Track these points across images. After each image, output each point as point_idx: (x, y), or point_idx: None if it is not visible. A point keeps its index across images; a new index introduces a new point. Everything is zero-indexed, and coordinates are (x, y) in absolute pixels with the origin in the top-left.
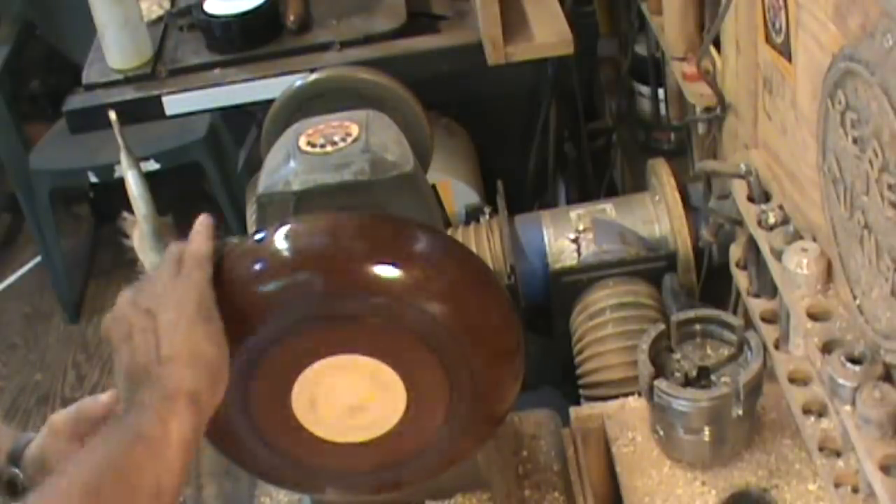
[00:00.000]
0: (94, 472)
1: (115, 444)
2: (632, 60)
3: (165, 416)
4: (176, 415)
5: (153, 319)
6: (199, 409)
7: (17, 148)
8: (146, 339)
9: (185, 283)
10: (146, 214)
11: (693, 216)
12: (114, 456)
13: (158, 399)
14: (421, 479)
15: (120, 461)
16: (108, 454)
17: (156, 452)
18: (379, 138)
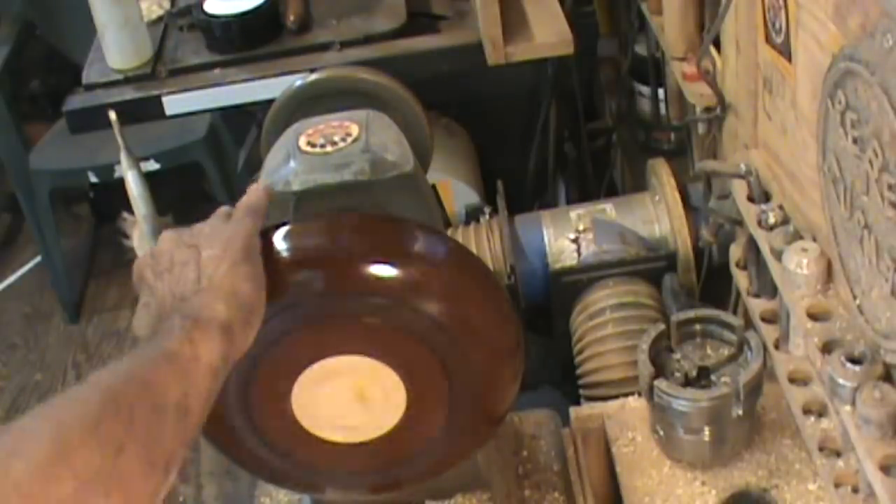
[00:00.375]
0: (118, 382)
1: (142, 359)
2: (632, 60)
3: (195, 338)
4: (206, 340)
5: (197, 254)
6: (230, 341)
7: (17, 148)
8: (186, 271)
9: (234, 226)
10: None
11: (693, 216)
12: (139, 370)
13: (190, 323)
14: (421, 479)
15: (145, 375)
16: (133, 367)
17: (183, 371)
18: (379, 138)
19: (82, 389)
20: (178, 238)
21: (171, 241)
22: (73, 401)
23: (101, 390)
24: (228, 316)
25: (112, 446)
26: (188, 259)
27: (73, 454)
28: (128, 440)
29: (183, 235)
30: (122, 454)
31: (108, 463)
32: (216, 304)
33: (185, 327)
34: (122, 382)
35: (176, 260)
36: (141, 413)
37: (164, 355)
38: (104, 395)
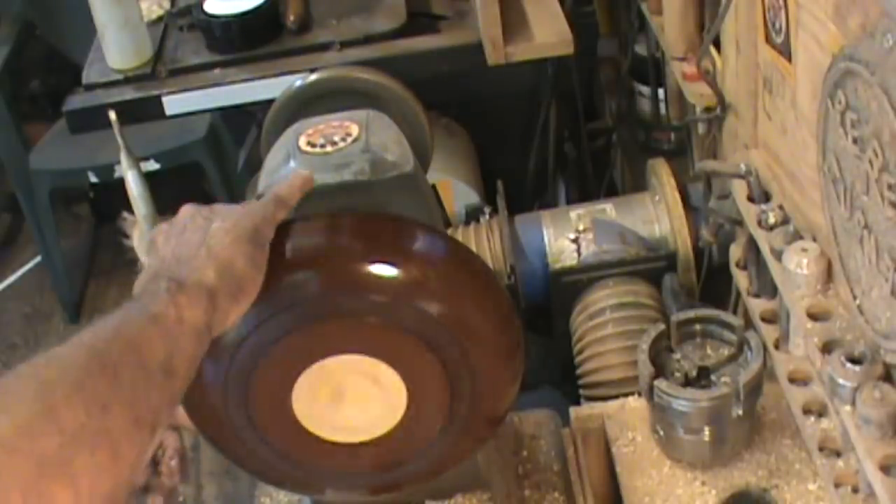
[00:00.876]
0: (103, 341)
1: (126, 320)
2: (632, 60)
3: (180, 302)
4: (190, 305)
5: (208, 224)
6: (214, 309)
7: (17, 148)
8: (192, 236)
9: (253, 208)
10: (146, 214)
11: (693, 216)
12: (124, 330)
13: (175, 286)
14: (421, 479)
15: (130, 335)
16: (117, 328)
17: (168, 333)
18: (379, 138)
19: (67, 348)
20: (197, 210)
21: (189, 212)
22: (57, 359)
23: (85, 349)
24: (216, 284)
25: (97, 404)
26: (198, 227)
27: (59, 410)
28: (113, 398)
29: (202, 209)
30: (108, 412)
31: (93, 420)
32: (207, 270)
33: (170, 290)
34: (107, 342)
35: (188, 227)
36: (126, 372)
37: (149, 317)
38: (89, 354)
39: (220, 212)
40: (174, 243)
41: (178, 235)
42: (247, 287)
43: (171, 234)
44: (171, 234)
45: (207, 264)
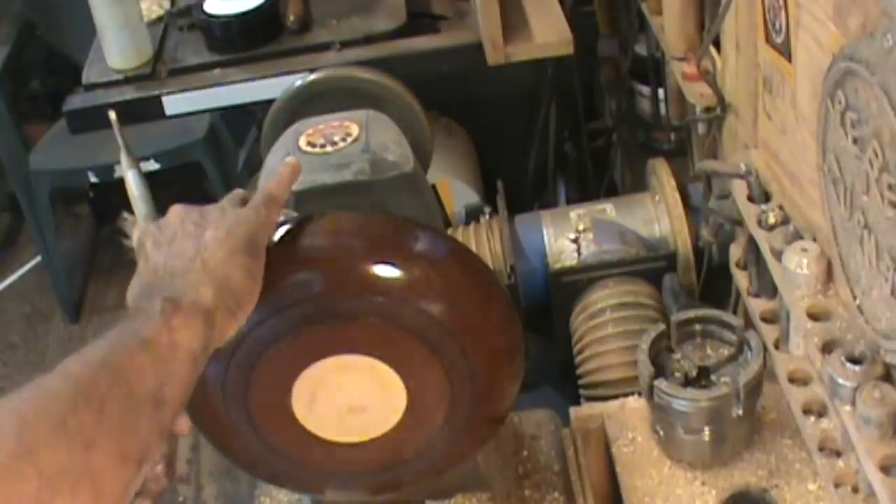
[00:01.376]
0: (90, 370)
1: (117, 345)
2: (632, 60)
3: (174, 325)
4: (186, 327)
5: (200, 232)
6: (211, 328)
7: (17, 148)
8: (185, 247)
9: (245, 213)
10: (146, 214)
11: (693, 216)
12: (113, 357)
13: (171, 307)
14: (421, 479)
15: (120, 363)
16: (106, 355)
17: (160, 360)
18: (379, 138)
19: (52, 379)
20: (187, 214)
21: (179, 216)
22: (41, 392)
23: (71, 382)
24: (214, 302)
25: (81, 441)
26: (190, 235)
27: (39, 451)
28: (99, 434)
29: (192, 212)
30: (93, 449)
31: (76, 459)
32: (203, 288)
33: (164, 311)
34: (95, 371)
35: (179, 234)
36: (113, 405)
37: (140, 342)
38: (75, 386)
39: (211, 218)
40: (166, 252)
41: (168, 243)
42: (244, 301)
43: (162, 240)
44: (162, 240)
45: (204, 280)
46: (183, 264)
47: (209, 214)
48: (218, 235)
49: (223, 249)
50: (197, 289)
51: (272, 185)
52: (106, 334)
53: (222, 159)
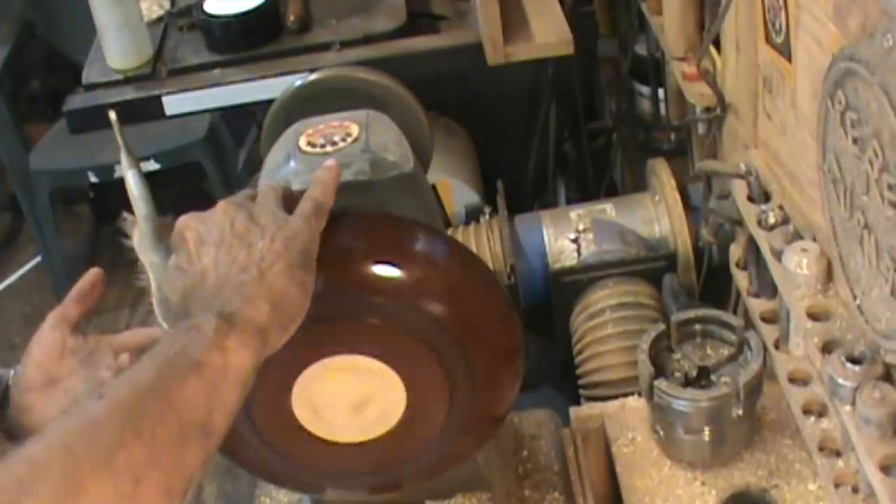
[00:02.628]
0: (140, 398)
1: (167, 368)
2: (632, 60)
3: (228, 345)
4: (240, 347)
5: (254, 240)
6: (264, 347)
7: (17, 148)
8: (237, 253)
9: (300, 224)
10: (146, 214)
11: (693, 216)
12: (164, 382)
13: (226, 325)
14: (421, 479)
15: (171, 391)
16: (157, 379)
17: (211, 385)
18: (379, 138)
19: (101, 407)
20: (236, 213)
21: (228, 214)
22: (89, 422)
23: (120, 410)
24: (270, 319)
25: (129, 476)
26: (243, 241)
27: (87, 489)
28: (146, 469)
29: (241, 212)
30: (140, 484)
31: (123, 495)
32: (261, 304)
33: (219, 330)
34: (144, 398)
35: (228, 236)
36: (163, 437)
37: (191, 366)
38: (124, 417)
39: (263, 222)
40: (214, 255)
41: (217, 244)
42: (297, 316)
43: (208, 239)
44: (208, 239)
45: (261, 295)
46: (237, 274)
47: (260, 218)
48: (275, 247)
49: (281, 262)
50: (254, 304)
51: (318, 193)
52: (157, 348)
53: (222, 159)
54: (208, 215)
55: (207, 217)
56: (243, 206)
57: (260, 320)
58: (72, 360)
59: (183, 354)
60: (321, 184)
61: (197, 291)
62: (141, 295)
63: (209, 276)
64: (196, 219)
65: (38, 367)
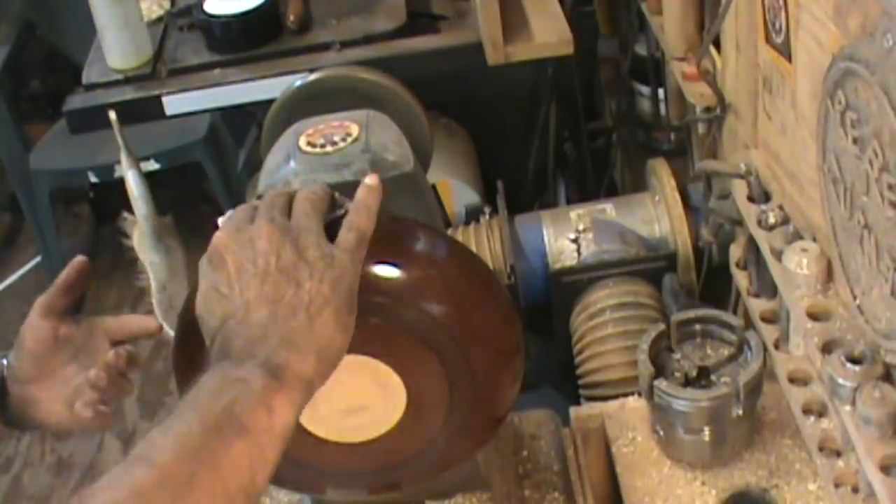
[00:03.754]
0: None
1: (214, 432)
2: (632, 60)
3: (275, 404)
4: (287, 404)
5: (302, 279)
6: (308, 399)
7: (17, 148)
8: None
9: (345, 261)
10: (146, 214)
11: (693, 216)
12: (209, 448)
13: (273, 383)
14: (421, 479)
15: (218, 457)
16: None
17: (257, 448)
18: (379, 138)
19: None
20: (282, 243)
21: (273, 244)
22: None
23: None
24: (316, 371)
25: None
26: (289, 278)
27: None
28: None
29: (287, 243)
30: None
31: None
32: (309, 356)
33: (267, 389)
34: (189, 465)
35: (274, 271)
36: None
37: (240, 429)
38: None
39: (310, 257)
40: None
41: (262, 277)
42: (339, 360)
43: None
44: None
45: (309, 346)
46: (284, 318)
47: (306, 252)
48: (323, 290)
49: (329, 308)
50: (302, 356)
51: (363, 222)
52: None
53: (222, 159)
54: (250, 239)
55: (249, 242)
56: (288, 235)
57: (307, 374)
58: (67, 349)
59: (229, 414)
60: (365, 209)
61: (240, 328)
62: (141, 295)
63: (253, 313)
64: (238, 241)
65: (33, 358)
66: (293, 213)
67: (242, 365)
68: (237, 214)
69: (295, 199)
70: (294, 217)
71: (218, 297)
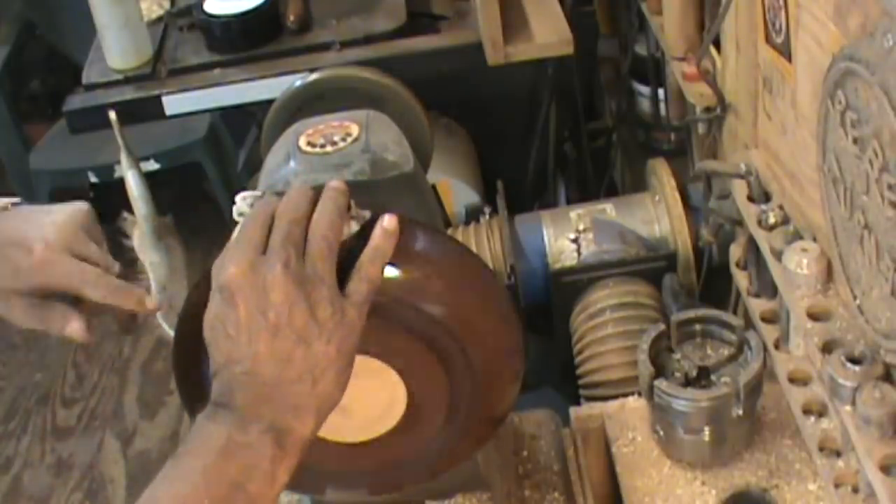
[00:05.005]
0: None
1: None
2: (632, 60)
3: (279, 472)
4: (289, 469)
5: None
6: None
7: (17, 148)
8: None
9: (354, 318)
10: (146, 214)
11: (693, 216)
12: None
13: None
14: (421, 479)
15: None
16: None
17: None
18: (379, 138)
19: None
20: (297, 299)
21: (288, 298)
22: None
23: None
24: (313, 431)
25: None
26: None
27: None
28: None
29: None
30: None
31: None
32: (309, 418)
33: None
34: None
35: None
36: None
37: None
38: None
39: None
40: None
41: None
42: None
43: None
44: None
45: (310, 408)
46: (291, 381)
47: (318, 309)
48: (329, 352)
49: (333, 369)
50: (303, 419)
51: (376, 273)
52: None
53: (222, 159)
54: (264, 288)
55: (263, 290)
56: (302, 289)
57: (307, 436)
58: None
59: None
60: (380, 257)
61: (246, 380)
62: None
63: (262, 368)
64: (252, 284)
65: None
66: (308, 254)
67: (249, 428)
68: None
69: (311, 234)
70: (309, 260)
71: (224, 335)
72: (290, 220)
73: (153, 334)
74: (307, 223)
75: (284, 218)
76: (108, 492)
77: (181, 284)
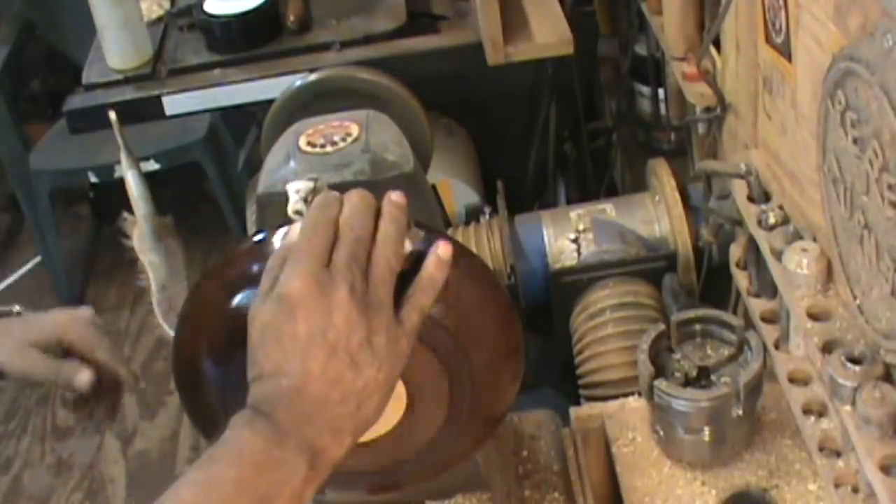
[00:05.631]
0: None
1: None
2: (632, 60)
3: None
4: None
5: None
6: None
7: (17, 148)
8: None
9: (405, 348)
10: (146, 214)
11: (693, 216)
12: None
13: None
14: (421, 479)
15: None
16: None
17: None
18: (379, 138)
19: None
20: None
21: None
22: None
23: None
24: (347, 451)
25: None
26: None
27: None
28: None
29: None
30: None
31: None
32: (346, 439)
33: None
34: None
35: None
36: None
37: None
38: None
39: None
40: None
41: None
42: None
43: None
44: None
45: (349, 430)
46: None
47: (375, 336)
48: (378, 378)
49: (377, 395)
50: (340, 441)
51: (427, 301)
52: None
53: (222, 159)
54: (328, 308)
55: (327, 310)
56: (364, 316)
57: (339, 457)
58: None
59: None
60: (432, 287)
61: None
62: (141, 295)
63: (311, 386)
64: (316, 300)
65: None
66: (372, 278)
67: (286, 444)
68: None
69: (375, 257)
70: (372, 285)
71: (277, 344)
72: (356, 237)
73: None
74: (371, 242)
75: (350, 234)
76: (108, 492)
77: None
